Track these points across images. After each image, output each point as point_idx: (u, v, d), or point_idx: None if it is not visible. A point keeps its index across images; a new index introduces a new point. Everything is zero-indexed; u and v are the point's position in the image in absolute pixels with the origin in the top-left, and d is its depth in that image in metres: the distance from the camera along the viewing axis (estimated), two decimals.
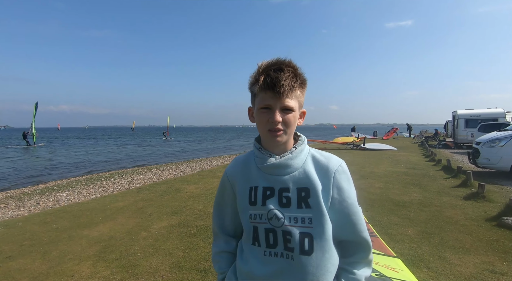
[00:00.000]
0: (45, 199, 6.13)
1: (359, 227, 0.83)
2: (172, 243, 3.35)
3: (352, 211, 0.82)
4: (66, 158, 16.73)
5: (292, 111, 0.78)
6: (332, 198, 0.80)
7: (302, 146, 0.85)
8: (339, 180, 0.81)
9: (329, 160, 0.83)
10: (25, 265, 2.89)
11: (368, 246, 0.84)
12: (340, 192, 0.80)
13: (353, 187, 0.84)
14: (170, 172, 9.71)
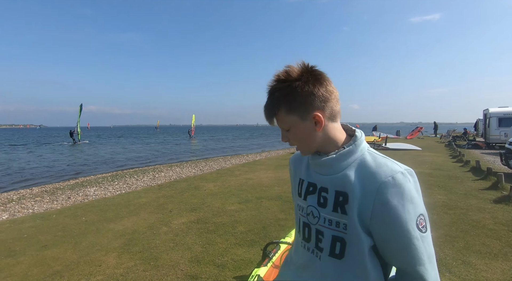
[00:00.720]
0: (75, 194, 6.55)
1: (409, 257, 0.67)
2: (191, 238, 3.47)
3: (400, 235, 0.67)
4: (106, 154, 18.50)
5: (289, 129, 0.78)
6: (374, 213, 0.69)
7: (351, 147, 0.76)
8: (386, 194, 0.67)
9: (380, 168, 0.70)
10: (58, 254, 3.13)
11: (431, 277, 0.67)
12: (384, 209, 0.67)
13: (415, 206, 0.67)
14: (190, 170, 9.98)
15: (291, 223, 3.85)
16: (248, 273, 2.60)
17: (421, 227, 0.67)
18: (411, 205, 0.67)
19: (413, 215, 0.67)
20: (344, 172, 0.74)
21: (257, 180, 7.14)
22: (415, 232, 0.66)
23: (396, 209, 0.66)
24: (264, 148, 22.16)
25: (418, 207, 0.68)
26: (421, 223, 0.67)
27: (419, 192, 0.70)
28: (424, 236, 0.68)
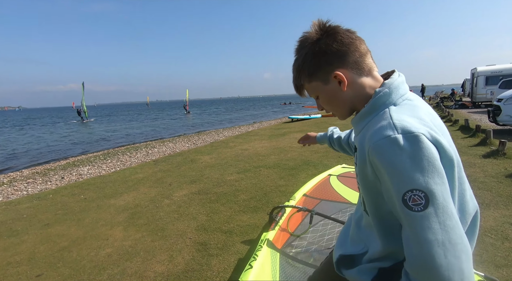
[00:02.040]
0: (69, 174, 6.43)
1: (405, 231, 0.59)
2: (195, 208, 3.51)
3: (393, 206, 0.61)
4: (114, 130, 19.80)
5: (318, 96, 0.77)
6: (378, 176, 0.63)
7: (366, 107, 0.70)
8: (373, 162, 0.61)
9: (375, 131, 0.62)
10: (63, 231, 3.12)
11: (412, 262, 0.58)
12: (379, 174, 0.62)
13: (401, 180, 0.56)
14: (183, 145, 9.88)
15: (291, 189, 3.93)
16: (256, 237, 2.67)
17: (413, 204, 0.55)
18: (396, 177, 0.56)
19: (400, 188, 0.56)
20: (361, 134, 0.71)
21: (253, 150, 7.15)
22: (402, 207, 0.56)
23: (386, 179, 0.59)
24: (255, 119, 22.04)
25: (407, 182, 0.55)
26: (413, 200, 0.55)
27: (421, 163, 0.55)
28: (418, 216, 0.54)
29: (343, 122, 11.79)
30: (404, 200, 0.56)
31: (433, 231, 0.54)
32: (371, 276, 0.74)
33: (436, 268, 0.54)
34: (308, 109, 25.63)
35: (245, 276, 1.77)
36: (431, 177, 0.55)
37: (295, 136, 8.95)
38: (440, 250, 0.53)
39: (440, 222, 0.54)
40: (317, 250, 2.20)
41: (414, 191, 0.55)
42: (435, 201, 0.54)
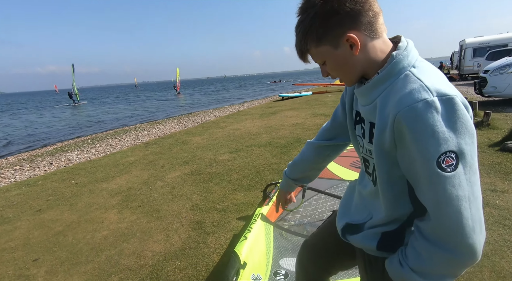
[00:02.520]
0: (57, 159, 6.30)
1: (428, 196, 0.61)
2: (189, 189, 3.53)
3: (419, 171, 0.61)
4: (108, 113, 19.48)
5: (325, 62, 0.71)
6: (397, 145, 0.63)
7: (384, 72, 0.66)
8: (401, 128, 0.59)
9: (404, 95, 0.59)
10: (56, 216, 3.10)
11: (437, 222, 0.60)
12: (402, 144, 0.61)
13: (437, 142, 0.56)
14: (173, 126, 9.75)
15: (283, 166, 3.98)
16: (250, 214, 2.73)
17: (446, 165, 0.57)
18: (431, 141, 0.56)
19: (434, 152, 0.56)
20: (375, 102, 0.68)
21: (244, 129, 7.13)
22: (434, 170, 0.57)
23: (412, 144, 0.59)
24: (246, 98, 21.78)
25: (443, 144, 0.56)
26: (446, 161, 0.57)
27: (456, 125, 0.56)
28: (449, 176, 0.57)
29: (332, 99, 11.81)
30: (439, 163, 0.57)
31: (462, 188, 0.57)
32: (376, 240, 0.77)
33: (462, 221, 0.58)
34: (299, 86, 25.42)
35: (240, 247, 1.83)
36: (462, 138, 0.57)
37: (286, 115, 8.93)
38: (466, 204, 0.58)
39: (467, 179, 0.58)
40: (309, 223, 2.28)
41: (448, 153, 0.57)
42: (464, 160, 0.57)
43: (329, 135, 1.02)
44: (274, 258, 1.83)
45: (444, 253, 0.61)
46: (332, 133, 1.01)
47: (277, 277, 1.64)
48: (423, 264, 0.65)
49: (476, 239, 0.58)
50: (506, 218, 2.25)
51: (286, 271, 1.69)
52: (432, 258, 0.63)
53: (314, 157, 1.06)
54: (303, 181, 1.14)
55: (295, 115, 8.58)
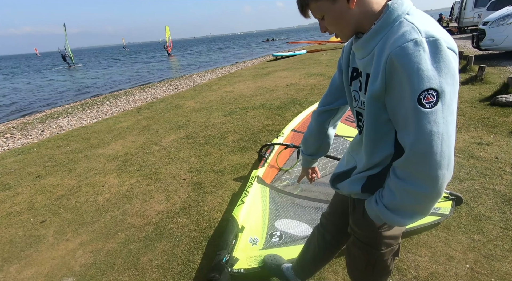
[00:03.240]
0: (48, 127, 6.20)
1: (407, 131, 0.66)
2: (185, 152, 3.58)
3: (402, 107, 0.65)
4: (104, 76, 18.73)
5: (323, 17, 0.75)
6: (386, 87, 0.67)
7: (380, 22, 0.69)
8: (392, 66, 0.64)
9: (397, 38, 0.64)
10: (56, 182, 3.17)
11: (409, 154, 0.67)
12: (391, 82, 0.66)
13: (421, 79, 0.61)
14: (165, 90, 9.49)
15: (278, 128, 4.01)
16: (247, 174, 2.83)
17: (426, 102, 0.62)
18: (416, 77, 0.61)
19: (417, 88, 0.61)
20: (373, 52, 0.72)
21: (238, 92, 7.00)
22: (415, 106, 0.62)
23: (399, 82, 0.64)
24: (238, 58, 20.94)
25: (426, 81, 0.61)
26: (427, 98, 0.61)
27: (439, 65, 0.61)
28: (427, 112, 0.62)
29: (326, 57, 11.45)
30: (419, 99, 0.62)
31: (437, 124, 0.63)
32: (361, 184, 0.85)
33: (431, 155, 0.64)
34: (293, 45, 24.35)
35: (237, 211, 1.94)
36: (444, 78, 0.61)
37: (280, 75, 8.71)
38: (438, 140, 0.63)
39: (443, 117, 0.63)
40: (303, 182, 2.39)
41: (429, 90, 0.61)
42: (443, 99, 0.62)
43: (329, 100, 1.06)
44: (269, 220, 1.94)
45: (411, 188, 0.68)
46: (331, 97, 1.05)
47: (273, 239, 1.77)
48: (395, 201, 0.73)
49: (440, 173, 0.65)
50: (488, 169, 2.39)
51: (281, 233, 1.82)
52: (402, 194, 0.71)
53: (318, 126, 1.09)
54: (319, 154, 1.18)
55: (289, 76, 8.38)
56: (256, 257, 1.61)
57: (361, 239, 0.95)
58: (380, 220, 0.81)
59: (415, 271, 1.53)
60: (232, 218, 1.86)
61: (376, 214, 0.79)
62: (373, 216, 0.81)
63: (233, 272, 1.51)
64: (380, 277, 1.00)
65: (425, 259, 1.59)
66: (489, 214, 1.88)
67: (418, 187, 0.67)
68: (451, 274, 1.49)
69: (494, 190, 2.12)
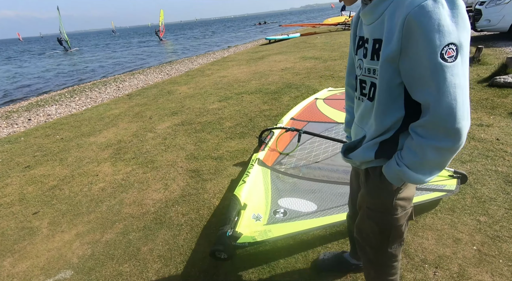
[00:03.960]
0: (35, 115, 5.95)
1: (430, 88, 0.67)
2: (181, 139, 3.47)
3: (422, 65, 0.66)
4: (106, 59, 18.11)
5: None
6: (402, 49, 0.68)
7: None
8: (411, 26, 0.65)
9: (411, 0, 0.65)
10: (47, 171, 3.04)
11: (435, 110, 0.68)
12: (409, 43, 0.66)
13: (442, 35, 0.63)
14: (156, 76, 9.18)
15: (275, 113, 3.92)
16: (246, 160, 2.76)
17: (448, 56, 0.64)
18: (436, 34, 0.63)
19: (438, 43, 0.63)
20: (382, 16, 0.73)
21: (232, 76, 6.81)
22: (437, 61, 0.64)
23: (417, 41, 0.65)
24: (230, 43, 20.38)
25: (447, 36, 0.63)
26: (448, 53, 0.64)
27: (457, 20, 0.64)
28: (449, 66, 0.64)
29: (321, 40, 11.21)
30: (442, 54, 0.64)
31: (458, 77, 0.65)
32: (374, 150, 0.85)
33: (456, 107, 0.66)
34: (286, 28, 23.79)
35: (239, 190, 1.88)
36: (462, 32, 0.64)
37: (274, 59, 8.51)
38: (460, 92, 0.66)
39: (463, 70, 0.66)
40: (305, 165, 2.34)
41: (450, 45, 0.63)
42: (462, 52, 0.65)
43: (351, 78, 1.07)
44: (272, 198, 1.90)
45: (436, 144, 0.70)
46: (353, 74, 1.04)
47: (277, 215, 1.73)
48: (417, 159, 0.75)
49: (464, 124, 0.68)
50: (489, 150, 2.38)
51: (285, 209, 1.78)
52: (425, 151, 0.73)
53: (351, 100, 1.10)
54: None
55: (284, 60, 8.18)
56: (261, 231, 1.56)
57: (375, 208, 0.95)
58: (400, 182, 0.83)
59: (422, 254, 1.52)
60: (234, 197, 1.81)
61: (397, 176, 0.80)
62: (393, 178, 0.82)
63: (238, 246, 1.47)
64: (395, 244, 1.00)
65: (432, 242, 1.58)
66: (493, 195, 1.88)
67: (443, 142, 0.70)
68: (458, 256, 1.48)
69: (497, 171, 2.11)
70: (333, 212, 1.68)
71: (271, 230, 1.57)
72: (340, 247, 1.64)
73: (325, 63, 6.79)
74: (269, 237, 1.51)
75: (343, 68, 5.95)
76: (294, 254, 1.62)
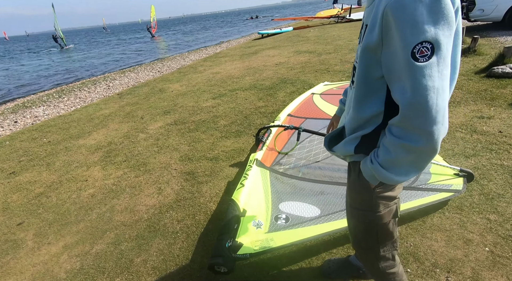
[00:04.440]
0: (22, 117, 5.72)
1: (400, 86, 0.64)
2: (174, 139, 3.34)
3: (395, 62, 0.64)
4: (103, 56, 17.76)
5: None
6: (384, 41, 0.65)
7: None
8: (388, 18, 0.61)
9: None
10: (33, 178, 2.89)
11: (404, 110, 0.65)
12: (386, 35, 0.64)
13: (416, 32, 0.58)
14: (147, 74, 8.96)
15: (271, 109, 3.81)
16: (243, 160, 2.65)
17: (420, 56, 0.59)
18: (410, 30, 0.58)
19: (410, 41, 0.59)
20: (374, 1, 0.69)
21: (225, 73, 6.65)
22: (409, 60, 0.60)
23: (394, 34, 0.61)
24: (222, 38, 20.06)
25: (421, 33, 0.58)
26: (421, 52, 0.59)
27: (437, 15, 0.57)
28: (421, 67, 0.59)
29: (314, 34, 11.07)
30: (413, 53, 0.59)
31: (432, 79, 0.59)
32: (354, 144, 0.83)
33: (427, 110, 0.61)
34: (279, 22, 23.53)
35: (237, 194, 1.77)
36: (441, 29, 0.58)
37: (268, 54, 8.35)
38: (434, 95, 0.60)
39: (439, 71, 0.60)
40: (305, 165, 2.24)
41: (423, 43, 0.58)
42: (439, 52, 0.59)
43: None
44: (273, 202, 1.80)
45: (407, 143, 0.66)
46: None
47: (278, 221, 1.63)
48: (390, 158, 0.71)
49: (436, 128, 0.62)
50: (493, 143, 2.31)
51: (287, 214, 1.68)
52: (397, 150, 0.69)
53: None
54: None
55: (278, 54, 8.04)
56: (262, 240, 1.47)
57: (357, 206, 0.92)
58: (375, 180, 0.79)
59: (432, 257, 1.44)
60: (233, 202, 1.70)
61: (371, 173, 0.77)
62: (368, 175, 0.79)
63: (238, 257, 1.37)
64: (386, 246, 0.95)
65: (442, 244, 1.50)
66: (500, 191, 1.81)
67: (414, 142, 0.66)
68: (471, 259, 1.40)
69: (502, 165, 2.04)
70: (338, 217, 1.58)
71: (273, 238, 1.47)
72: (345, 251, 1.55)
73: (319, 56, 6.67)
74: (272, 247, 1.41)
75: (338, 61, 5.84)
76: (298, 262, 1.53)
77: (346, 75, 4.90)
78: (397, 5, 0.59)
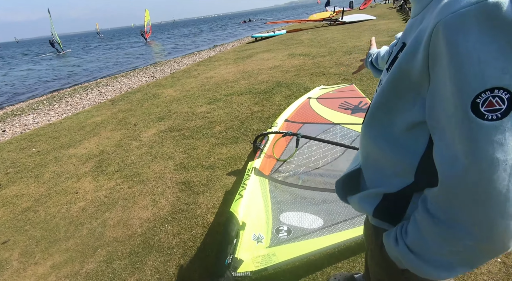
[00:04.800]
0: (10, 125, 5.55)
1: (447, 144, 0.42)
2: (169, 147, 3.24)
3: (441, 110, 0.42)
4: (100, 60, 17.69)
5: None
6: (430, 72, 0.43)
7: None
8: (440, 37, 0.39)
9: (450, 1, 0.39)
10: (21, 191, 2.76)
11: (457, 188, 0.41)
12: (436, 64, 0.41)
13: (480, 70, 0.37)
14: (140, 79, 8.84)
15: (267, 114, 3.74)
16: (241, 168, 2.57)
17: (486, 109, 0.37)
18: (476, 67, 0.36)
19: (473, 86, 0.37)
20: (420, 15, 0.49)
21: (219, 77, 6.58)
22: (466, 114, 0.38)
23: (447, 69, 0.39)
24: (216, 42, 20.02)
25: (490, 74, 0.36)
26: (490, 104, 0.37)
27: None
28: (487, 127, 0.37)
29: (308, 37, 11.10)
30: (476, 103, 0.37)
31: (504, 149, 0.37)
32: (373, 204, 0.60)
33: (492, 194, 0.39)
34: (272, 25, 23.61)
35: (236, 206, 1.68)
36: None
37: (262, 57, 8.31)
38: (505, 175, 0.38)
39: None
40: (305, 172, 2.17)
41: (496, 90, 0.36)
42: None
43: None
44: (273, 213, 1.72)
45: (451, 232, 0.44)
46: None
47: (280, 234, 1.54)
48: (422, 242, 0.48)
49: (503, 223, 0.40)
50: None
51: (289, 226, 1.60)
52: (435, 237, 0.46)
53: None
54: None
55: (272, 57, 8.00)
56: (263, 256, 1.38)
57: (380, 278, 0.69)
58: (402, 263, 0.54)
59: None
60: (231, 214, 1.61)
61: (397, 257, 0.54)
62: (394, 257, 0.56)
63: (239, 276, 1.28)
64: None
65: None
66: None
67: (463, 235, 0.43)
68: (483, 271, 1.34)
69: None
70: (343, 228, 1.51)
71: (275, 253, 1.38)
72: (351, 265, 1.48)
73: (314, 59, 6.64)
74: (274, 263, 1.33)
75: (332, 64, 5.81)
76: (302, 277, 1.45)
77: (341, 77, 4.87)
78: (456, 23, 0.37)
